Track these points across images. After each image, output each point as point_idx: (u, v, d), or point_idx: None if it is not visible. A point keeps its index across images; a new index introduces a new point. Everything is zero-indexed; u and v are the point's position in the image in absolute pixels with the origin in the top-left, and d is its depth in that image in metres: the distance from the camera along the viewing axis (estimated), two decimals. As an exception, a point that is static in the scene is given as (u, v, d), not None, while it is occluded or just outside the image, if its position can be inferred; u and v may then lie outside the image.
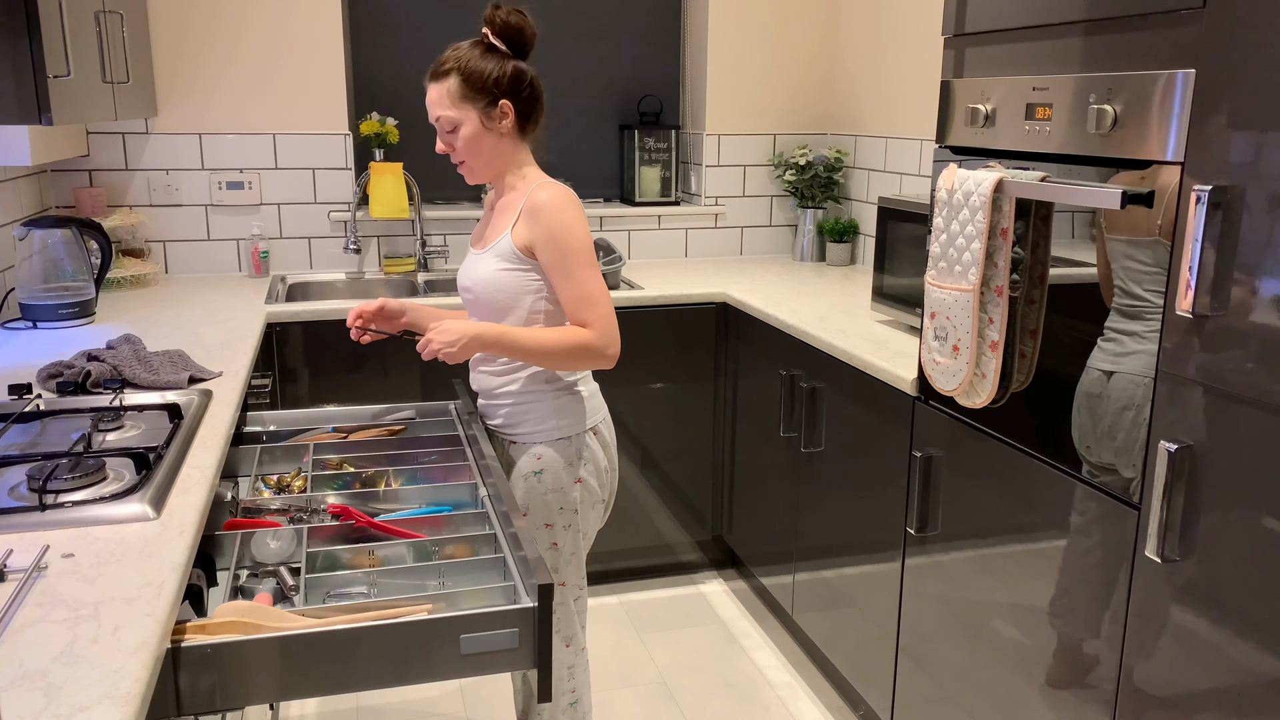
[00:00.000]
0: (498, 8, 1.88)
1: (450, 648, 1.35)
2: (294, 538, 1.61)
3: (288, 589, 1.51)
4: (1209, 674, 1.48)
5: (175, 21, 3.21)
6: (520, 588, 1.49)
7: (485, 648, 1.36)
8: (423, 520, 1.72)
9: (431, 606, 1.40)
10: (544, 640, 1.39)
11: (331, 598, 1.51)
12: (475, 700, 2.74)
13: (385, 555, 1.60)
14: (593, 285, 1.84)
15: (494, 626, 1.36)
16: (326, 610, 1.38)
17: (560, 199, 1.85)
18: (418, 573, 1.56)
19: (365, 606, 1.39)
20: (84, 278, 2.70)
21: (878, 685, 2.44)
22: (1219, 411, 1.43)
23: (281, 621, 1.32)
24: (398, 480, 1.93)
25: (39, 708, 0.99)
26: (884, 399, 2.33)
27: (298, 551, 1.60)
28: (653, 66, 3.89)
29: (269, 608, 1.35)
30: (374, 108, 3.61)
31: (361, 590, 1.53)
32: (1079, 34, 1.68)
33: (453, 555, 1.64)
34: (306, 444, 2.02)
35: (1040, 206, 1.78)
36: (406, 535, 1.67)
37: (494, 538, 1.66)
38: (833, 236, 3.62)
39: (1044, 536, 1.82)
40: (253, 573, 1.56)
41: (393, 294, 3.45)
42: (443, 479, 1.93)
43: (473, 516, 1.74)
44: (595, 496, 2.02)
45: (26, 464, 1.61)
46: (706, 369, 3.24)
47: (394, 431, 2.16)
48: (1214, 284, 1.42)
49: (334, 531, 1.66)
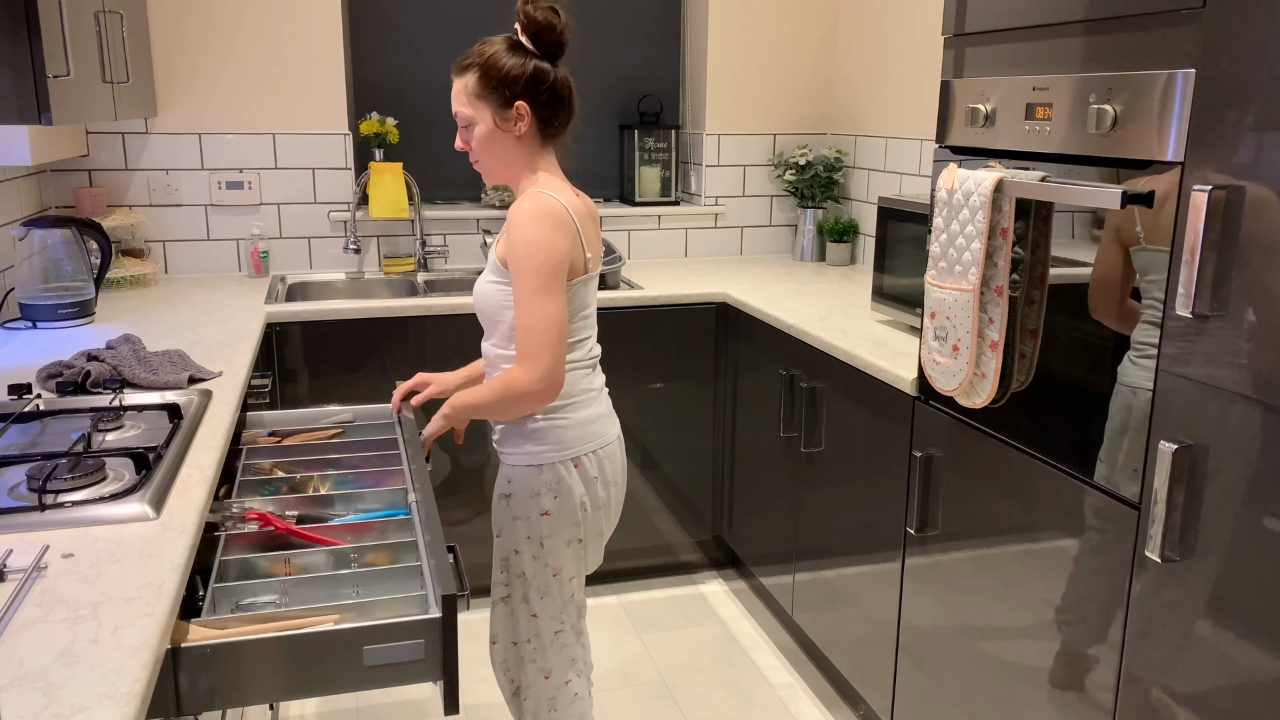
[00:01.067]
0: (528, 2, 1.78)
1: (354, 659, 1.31)
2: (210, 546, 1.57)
3: (196, 598, 1.48)
4: (1210, 674, 1.48)
5: (175, 21, 3.21)
6: (431, 598, 1.44)
7: (390, 659, 1.32)
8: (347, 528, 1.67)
9: (339, 617, 1.36)
10: (449, 651, 1.35)
11: (240, 608, 1.46)
12: (475, 700, 2.74)
13: (303, 563, 1.56)
14: (536, 313, 1.70)
15: (398, 638, 1.32)
16: (230, 620, 1.34)
17: (530, 213, 1.72)
18: (333, 582, 1.51)
19: (272, 616, 1.35)
20: (84, 278, 2.70)
21: (878, 685, 2.44)
22: (1219, 411, 1.43)
23: (178, 633, 1.29)
24: (326, 485, 1.87)
25: (39, 708, 0.99)
26: (884, 399, 2.33)
27: (212, 559, 1.56)
28: (653, 66, 3.89)
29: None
30: (374, 108, 3.61)
31: (272, 600, 1.48)
32: (1079, 34, 1.68)
33: (373, 563, 1.58)
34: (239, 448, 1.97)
35: (1040, 206, 1.78)
36: (325, 542, 1.62)
37: (415, 545, 1.61)
38: (833, 236, 3.62)
39: (1044, 537, 1.82)
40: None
41: (392, 294, 3.45)
42: (375, 484, 1.87)
43: (399, 523, 1.69)
44: (567, 533, 1.87)
45: (26, 464, 1.61)
46: (706, 369, 3.24)
47: (331, 435, 2.10)
48: (1214, 284, 1.42)
49: (254, 540, 1.60)
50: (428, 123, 3.67)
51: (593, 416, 1.88)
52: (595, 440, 1.88)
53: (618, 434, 1.95)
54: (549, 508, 1.85)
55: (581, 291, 1.83)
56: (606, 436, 1.90)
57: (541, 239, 1.71)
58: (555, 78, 1.82)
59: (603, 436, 1.89)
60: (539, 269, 1.70)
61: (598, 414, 1.89)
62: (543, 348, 1.70)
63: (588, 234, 1.84)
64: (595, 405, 1.89)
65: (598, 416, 1.89)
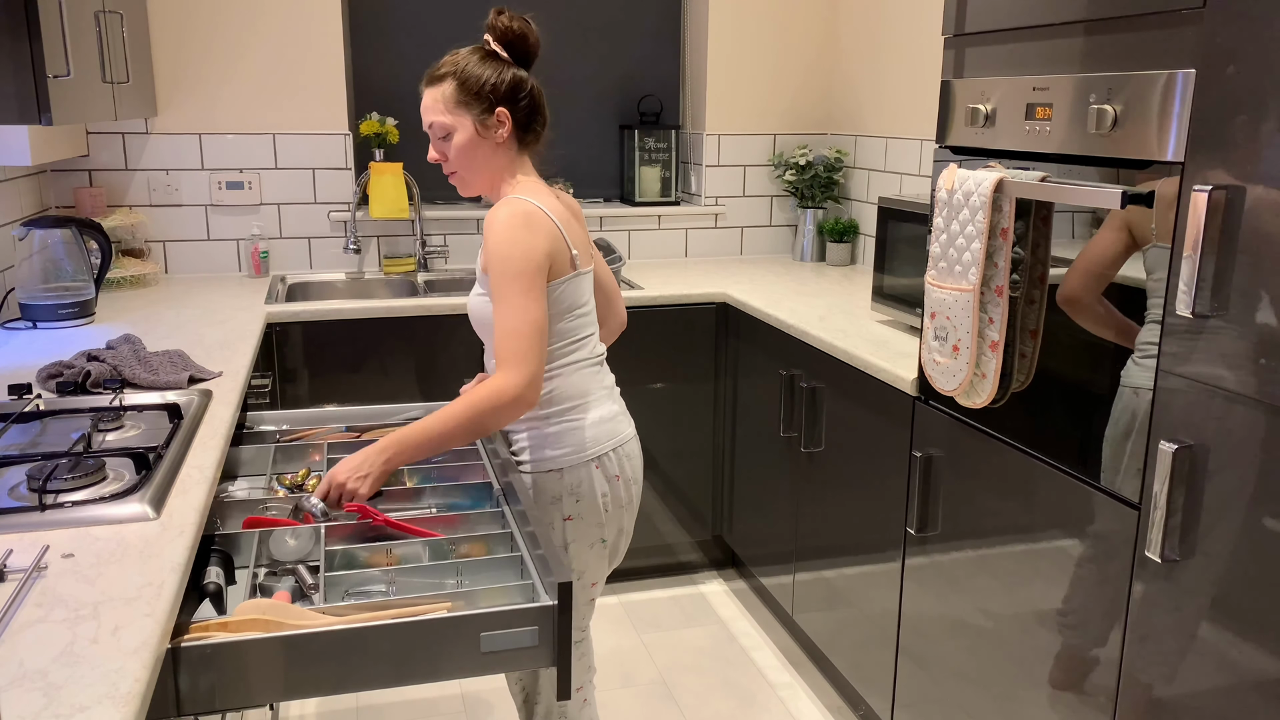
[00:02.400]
0: (501, 12, 1.80)
1: (470, 645, 1.35)
2: (312, 536, 1.61)
3: (307, 587, 1.51)
4: (1210, 674, 1.48)
5: (175, 21, 3.21)
6: (539, 585, 1.49)
7: (505, 645, 1.37)
8: (438, 519, 1.72)
9: (450, 605, 1.40)
10: (563, 638, 1.39)
11: (350, 596, 1.51)
12: (475, 700, 2.74)
13: (402, 554, 1.60)
14: (515, 317, 1.67)
15: (513, 624, 1.37)
16: (347, 608, 1.38)
17: (505, 219, 1.71)
18: (435, 571, 1.56)
19: (385, 604, 1.39)
20: (84, 278, 2.70)
21: (878, 685, 2.44)
22: (1219, 411, 1.43)
23: (303, 619, 1.32)
24: (412, 479, 1.92)
25: (39, 708, 0.99)
26: (884, 399, 2.33)
27: (316, 550, 1.60)
28: (653, 66, 3.89)
29: (290, 605, 1.35)
30: (374, 108, 3.61)
31: (380, 588, 1.53)
32: (1079, 34, 1.68)
33: (468, 554, 1.63)
34: (320, 443, 2.02)
35: (1040, 206, 1.78)
36: (423, 534, 1.67)
37: (510, 536, 1.66)
38: (833, 236, 3.62)
39: (1044, 537, 1.82)
40: (271, 571, 1.56)
41: (392, 294, 3.45)
42: (456, 478, 1.91)
43: (488, 515, 1.74)
44: (590, 535, 1.85)
45: (26, 464, 1.61)
46: (706, 369, 3.24)
47: None
48: (1214, 284, 1.42)
49: (351, 530, 1.65)
50: (428, 123, 3.67)
51: (608, 415, 1.87)
52: (614, 438, 1.87)
53: (634, 431, 1.93)
54: (571, 512, 1.83)
55: (573, 289, 1.81)
56: (624, 434, 1.89)
57: (518, 243, 1.70)
58: (531, 85, 1.82)
59: (621, 434, 1.88)
60: (520, 273, 1.69)
61: (613, 412, 1.88)
62: (529, 351, 1.67)
63: (571, 232, 1.82)
64: (609, 403, 1.88)
65: (613, 415, 1.88)
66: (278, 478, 1.89)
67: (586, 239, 1.92)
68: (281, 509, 1.72)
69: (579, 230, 1.89)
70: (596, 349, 1.90)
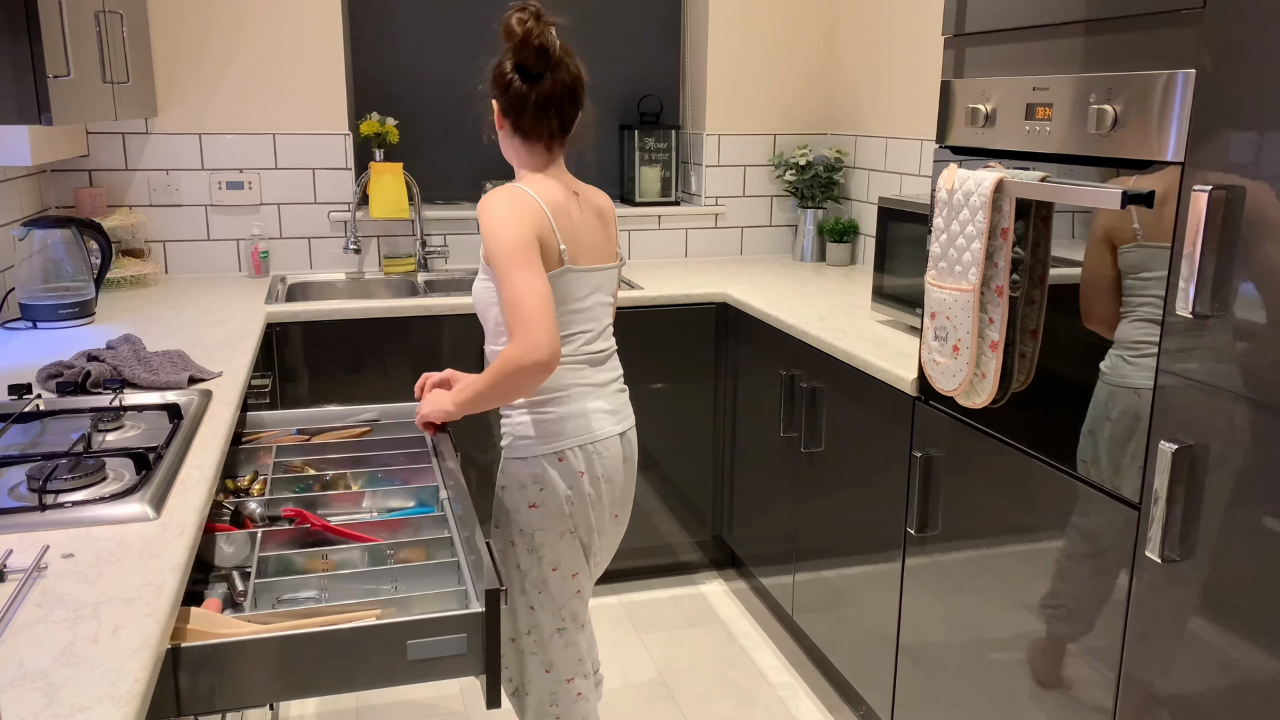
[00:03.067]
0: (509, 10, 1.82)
1: (398, 653, 1.33)
2: (247, 541, 1.60)
3: (237, 594, 1.49)
4: (1209, 674, 1.48)
5: (175, 21, 3.21)
6: (471, 592, 1.47)
7: (433, 653, 1.34)
8: (380, 524, 1.70)
9: (380, 611, 1.38)
10: (492, 646, 1.37)
11: (281, 603, 1.48)
12: (475, 700, 2.74)
13: (340, 559, 1.58)
14: (515, 289, 1.71)
15: (441, 632, 1.34)
16: (275, 615, 1.36)
17: (488, 200, 1.78)
18: (370, 577, 1.53)
19: (315, 612, 1.37)
20: (84, 278, 2.70)
21: (878, 685, 2.44)
22: (1219, 411, 1.43)
23: (226, 628, 1.31)
24: (357, 483, 1.91)
25: (39, 708, 0.99)
26: (884, 399, 2.33)
27: (251, 556, 1.59)
28: (653, 66, 3.89)
29: (215, 614, 1.34)
30: (374, 108, 3.61)
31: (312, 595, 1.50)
32: (1079, 34, 1.68)
33: (408, 559, 1.61)
34: (269, 446, 2.00)
35: (1040, 206, 1.78)
36: (361, 539, 1.65)
37: (450, 541, 1.64)
38: (833, 236, 3.62)
39: (1044, 537, 1.82)
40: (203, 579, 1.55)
41: (392, 294, 3.45)
42: (404, 481, 1.91)
43: (432, 520, 1.72)
44: (557, 525, 1.88)
45: (26, 464, 1.61)
46: (706, 369, 3.24)
47: (359, 433, 2.12)
48: (1214, 284, 1.42)
49: (291, 535, 1.63)
50: (428, 123, 3.67)
51: (581, 411, 1.88)
52: (583, 435, 1.88)
53: (620, 431, 1.94)
54: (535, 500, 1.87)
55: (561, 284, 1.83)
56: (599, 432, 1.90)
57: (503, 221, 1.75)
58: (514, 81, 1.83)
59: (593, 432, 1.89)
60: (512, 249, 1.73)
61: (592, 409, 1.89)
62: (529, 317, 1.69)
63: (565, 225, 1.84)
64: (588, 400, 1.89)
65: (590, 411, 1.89)
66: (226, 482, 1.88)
67: (599, 240, 1.93)
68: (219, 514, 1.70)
69: (586, 228, 1.90)
70: (589, 346, 1.90)
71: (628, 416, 1.97)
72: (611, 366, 1.95)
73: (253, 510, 1.70)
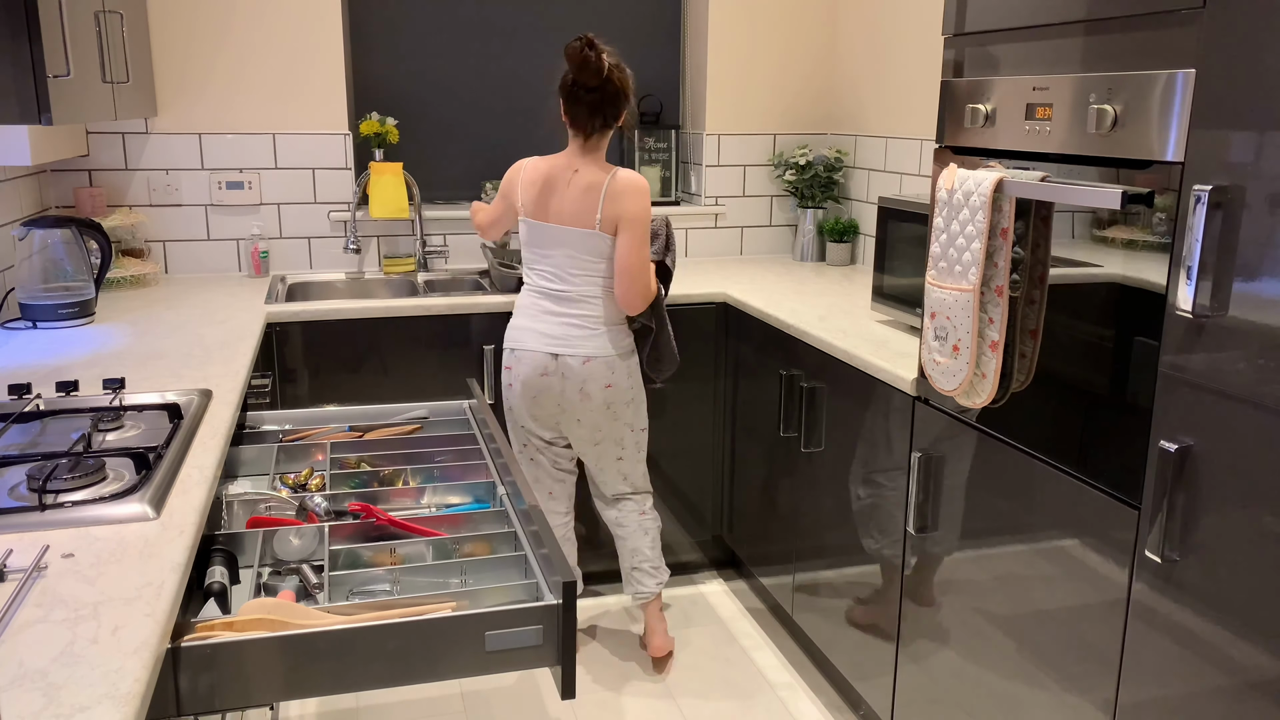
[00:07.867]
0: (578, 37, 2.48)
1: (475, 645, 1.36)
2: (316, 535, 1.61)
3: (311, 586, 1.51)
4: (1209, 674, 1.48)
5: (175, 21, 3.21)
6: (543, 585, 1.50)
7: (509, 644, 1.37)
8: (441, 519, 1.73)
9: (455, 604, 1.40)
10: (568, 637, 1.39)
11: (355, 595, 1.52)
12: (475, 700, 2.74)
13: (406, 553, 1.61)
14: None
15: (518, 624, 1.37)
16: (352, 607, 1.39)
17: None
18: (439, 570, 1.57)
19: (390, 604, 1.40)
20: (84, 278, 2.70)
21: (878, 685, 2.44)
22: (1219, 411, 1.43)
23: (308, 618, 1.32)
24: (415, 479, 1.93)
25: (39, 708, 0.99)
26: (884, 399, 2.33)
27: (320, 549, 1.61)
28: (653, 66, 3.89)
29: (295, 604, 1.36)
30: (374, 108, 3.61)
31: (384, 588, 1.53)
32: (1079, 34, 1.68)
33: (472, 553, 1.64)
34: (323, 443, 2.03)
35: (1040, 206, 1.78)
36: (426, 533, 1.68)
37: (513, 536, 1.67)
38: (833, 236, 3.62)
39: (1044, 536, 1.82)
40: (275, 570, 1.56)
41: (392, 294, 3.45)
42: (459, 477, 1.94)
43: (491, 515, 1.75)
44: (505, 399, 2.70)
45: (26, 464, 1.61)
46: (706, 369, 3.24)
47: (409, 430, 2.17)
48: (1214, 284, 1.42)
49: (355, 530, 1.66)
50: (428, 123, 3.67)
51: (519, 325, 2.64)
52: (512, 343, 2.65)
53: (536, 348, 2.59)
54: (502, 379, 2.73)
55: (524, 228, 2.62)
56: (522, 343, 2.61)
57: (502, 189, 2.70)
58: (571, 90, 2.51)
59: (517, 341, 2.63)
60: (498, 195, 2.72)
61: (524, 325, 2.62)
62: (480, 224, 2.82)
63: (529, 187, 2.58)
64: (524, 319, 2.63)
65: (520, 326, 2.63)
66: (280, 477, 1.90)
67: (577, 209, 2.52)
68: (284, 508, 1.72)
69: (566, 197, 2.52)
70: (548, 284, 2.59)
71: (572, 344, 2.57)
72: (566, 304, 2.57)
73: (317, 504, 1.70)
